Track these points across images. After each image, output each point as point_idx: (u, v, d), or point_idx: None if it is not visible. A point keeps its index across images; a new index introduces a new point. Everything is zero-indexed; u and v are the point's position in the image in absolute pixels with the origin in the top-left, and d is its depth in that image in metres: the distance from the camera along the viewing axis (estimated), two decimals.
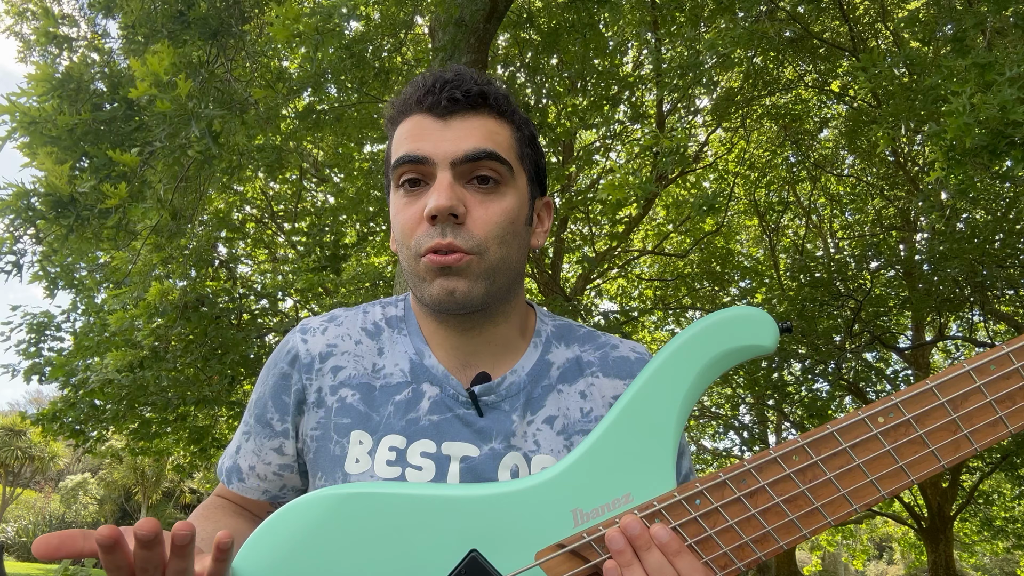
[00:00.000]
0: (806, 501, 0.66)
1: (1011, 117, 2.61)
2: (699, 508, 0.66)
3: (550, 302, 7.64)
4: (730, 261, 10.26)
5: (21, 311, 6.80)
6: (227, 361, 6.28)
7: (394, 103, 0.90)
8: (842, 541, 18.13)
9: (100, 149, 3.67)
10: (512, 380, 0.87)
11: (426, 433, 0.84)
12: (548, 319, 0.97)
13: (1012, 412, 0.65)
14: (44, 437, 6.75)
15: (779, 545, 0.66)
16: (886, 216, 10.22)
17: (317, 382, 0.88)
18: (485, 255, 0.81)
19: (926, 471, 0.65)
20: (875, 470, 0.65)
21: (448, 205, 0.78)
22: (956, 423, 0.65)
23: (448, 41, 4.78)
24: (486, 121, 0.84)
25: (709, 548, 0.66)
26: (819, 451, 0.66)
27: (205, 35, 3.97)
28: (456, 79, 0.84)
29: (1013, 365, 0.64)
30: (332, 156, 8.80)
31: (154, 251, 5.21)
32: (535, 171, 0.91)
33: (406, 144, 0.84)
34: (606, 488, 0.67)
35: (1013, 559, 21.77)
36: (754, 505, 0.66)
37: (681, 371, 0.69)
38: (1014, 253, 7.03)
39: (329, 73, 5.39)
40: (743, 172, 10.20)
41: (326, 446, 0.86)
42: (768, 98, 8.88)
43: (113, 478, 27.83)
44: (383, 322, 0.93)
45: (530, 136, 0.91)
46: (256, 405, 0.91)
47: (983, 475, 10.69)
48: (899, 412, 0.65)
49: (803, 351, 8.23)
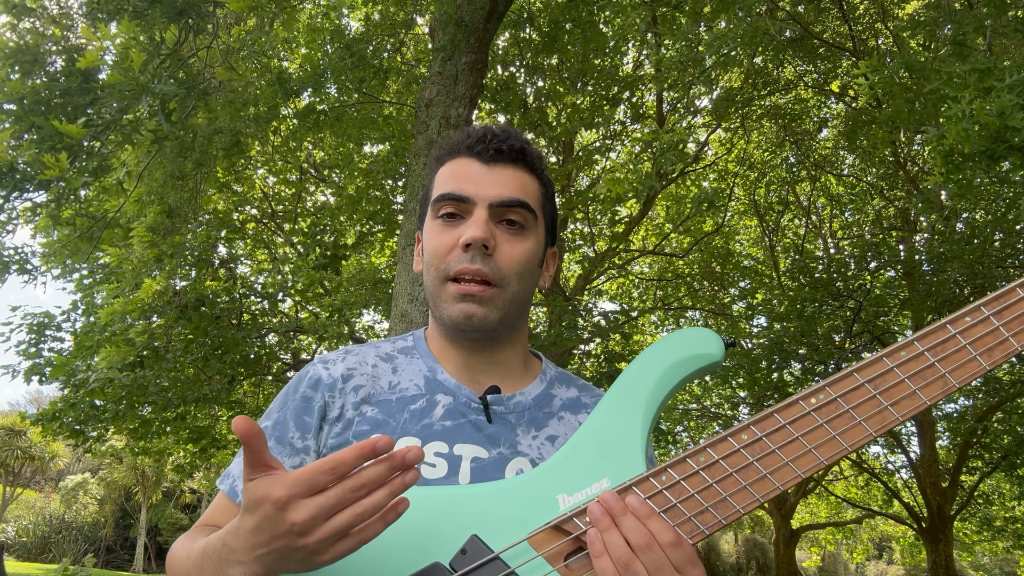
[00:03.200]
0: (755, 470, 0.76)
1: (1010, 123, 2.61)
2: (665, 483, 0.77)
3: (550, 302, 7.64)
4: (730, 261, 10.26)
5: (21, 311, 6.80)
6: (227, 361, 6.28)
7: (443, 145, 1.05)
8: (842, 540, 18.12)
9: (47, 120, 3.62)
10: (519, 400, 0.99)
11: (439, 436, 0.93)
12: (551, 367, 1.09)
13: (924, 387, 0.77)
14: (44, 437, 6.76)
15: (736, 510, 0.76)
16: (886, 216, 10.22)
17: (341, 400, 0.96)
18: (506, 288, 0.94)
19: (857, 439, 0.76)
20: (812, 441, 0.76)
21: (484, 237, 0.92)
22: (878, 399, 0.77)
23: (448, 41, 4.78)
24: (522, 174, 0.98)
25: (675, 515, 0.76)
26: (763, 428, 0.77)
27: (170, 14, 3.92)
28: (503, 134, 0.98)
29: (919, 350, 0.78)
30: (332, 156, 8.80)
31: (149, 247, 5.21)
32: (550, 223, 1.05)
33: (452, 182, 0.96)
34: (587, 475, 0.80)
35: (1013, 559, 21.77)
36: (711, 476, 0.76)
37: (644, 377, 0.84)
38: (1014, 253, 7.03)
39: (329, 73, 5.38)
40: (743, 172, 10.21)
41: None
42: (768, 98, 8.88)
43: (113, 478, 27.82)
44: (395, 351, 1.04)
45: (551, 193, 1.05)
46: (276, 428, 0.96)
47: (983, 475, 10.69)
48: (827, 393, 0.77)
49: (803, 351, 8.23)
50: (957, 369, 0.77)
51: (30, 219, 5.71)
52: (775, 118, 9.08)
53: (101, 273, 7.07)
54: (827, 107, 9.34)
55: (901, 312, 8.76)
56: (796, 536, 13.73)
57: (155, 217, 5.41)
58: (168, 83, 3.64)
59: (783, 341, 8.05)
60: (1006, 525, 12.58)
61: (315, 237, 7.14)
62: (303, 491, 0.63)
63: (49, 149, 3.58)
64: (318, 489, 0.64)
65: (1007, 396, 9.18)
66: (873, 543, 27.18)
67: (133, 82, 3.33)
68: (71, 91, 3.79)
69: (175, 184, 4.94)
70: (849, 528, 16.50)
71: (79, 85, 3.76)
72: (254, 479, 0.66)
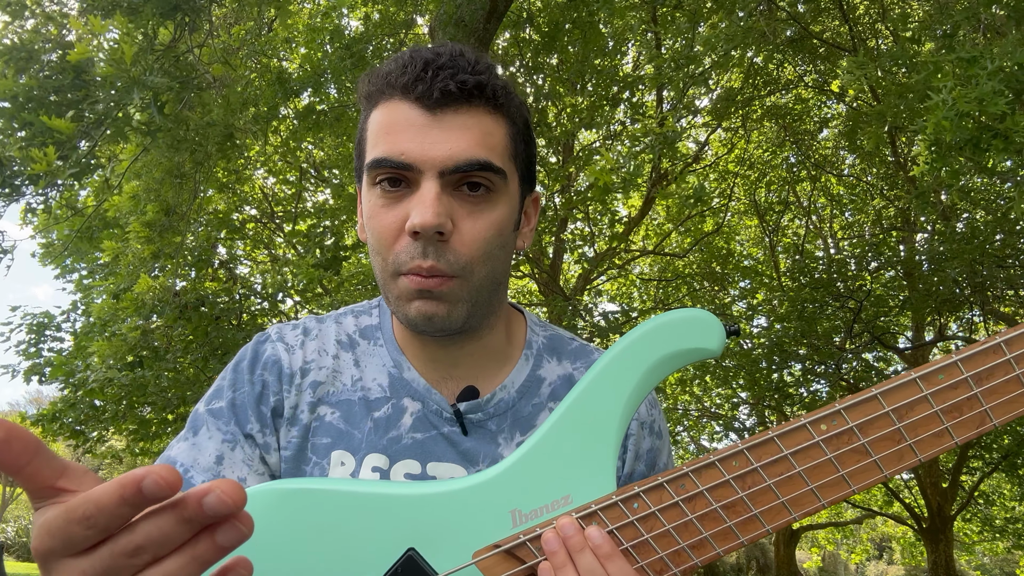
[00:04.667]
0: (744, 508, 0.64)
1: (990, 110, 2.61)
2: (637, 511, 0.65)
3: (550, 302, 7.64)
4: (730, 261, 10.26)
5: (21, 311, 6.80)
6: (227, 361, 6.26)
7: (372, 76, 0.78)
8: (842, 540, 18.12)
9: (37, 116, 3.56)
10: (501, 396, 0.83)
11: (409, 452, 0.79)
12: (539, 328, 0.92)
13: (958, 423, 0.62)
14: (44, 438, 6.74)
15: (716, 552, 0.65)
16: (886, 216, 10.21)
17: (294, 398, 0.81)
18: (469, 278, 0.75)
19: (867, 482, 0.64)
20: (815, 478, 0.64)
21: (435, 223, 0.70)
22: (900, 433, 0.63)
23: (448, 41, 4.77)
24: (481, 119, 0.75)
25: (645, 552, 0.65)
26: (759, 457, 0.65)
27: (165, 9, 3.87)
28: (450, 63, 0.73)
29: (962, 375, 0.62)
30: (332, 156, 8.80)
31: (145, 243, 5.19)
32: (526, 167, 0.83)
33: (386, 141, 0.74)
34: (545, 490, 0.67)
35: (1013, 559, 21.76)
36: (692, 510, 0.65)
37: (625, 373, 0.68)
38: (1014, 253, 7.03)
39: (329, 73, 5.38)
40: (743, 172, 10.20)
41: (299, 467, 0.80)
42: (768, 98, 8.88)
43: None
44: (357, 334, 0.88)
45: (524, 126, 0.82)
46: (233, 411, 0.80)
47: (983, 475, 10.69)
48: (842, 419, 0.64)
49: (803, 351, 8.22)
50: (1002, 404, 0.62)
51: (29, 220, 5.71)
52: (775, 118, 9.08)
53: (101, 273, 7.07)
54: (827, 107, 9.33)
55: (901, 312, 8.75)
56: (796, 536, 13.72)
57: (153, 214, 5.41)
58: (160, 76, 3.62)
59: (783, 341, 8.04)
60: (1006, 525, 12.57)
61: (315, 239, 7.13)
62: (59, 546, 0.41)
63: (39, 145, 3.56)
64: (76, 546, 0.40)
65: None
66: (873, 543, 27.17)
67: (124, 75, 3.30)
68: (64, 87, 3.77)
69: (173, 183, 4.93)
70: (849, 528, 16.50)
71: (72, 81, 3.74)
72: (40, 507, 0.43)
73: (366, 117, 0.79)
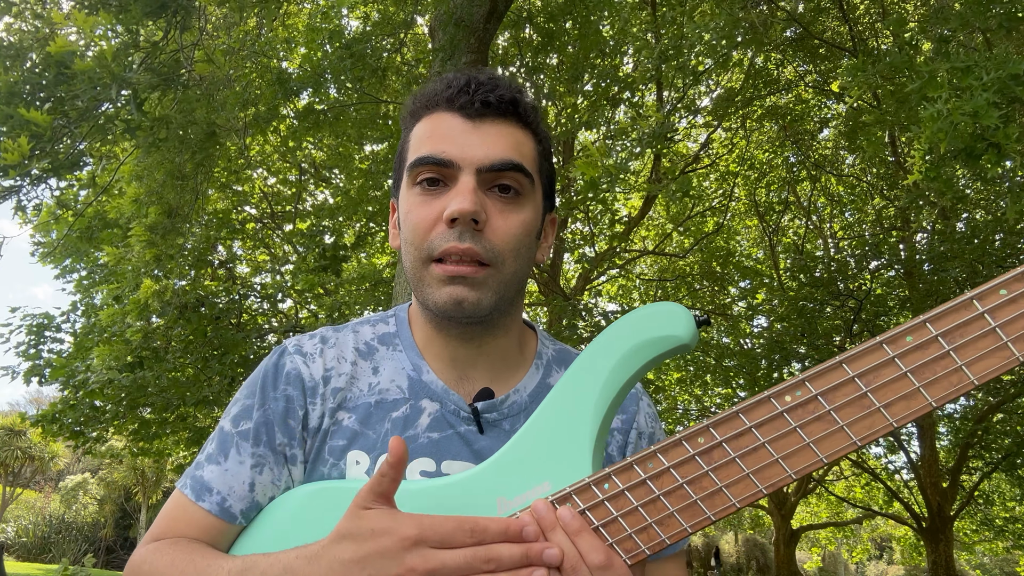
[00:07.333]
0: (710, 482, 0.65)
1: (984, 122, 2.61)
2: (607, 492, 0.68)
3: (550, 302, 7.64)
4: (730, 261, 10.25)
5: (20, 312, 6.79)
6: (227, 362, 6.27)
7: (417, 97, 0.88)
8: (842, 540, 18.12)
9: (15, 109, 3.56)
10: (515, 399, 0.88)
11: (425, 451, 0.83)
12: (549, 343, 0.97)
13: (931, 383, 0.60)
14: (44, 438, 6.75)
15: (683, 528, 0.66)
16: (886, 216, 10.21)
17: (320, 407, 0.85)
18: (501, 268, 0.81)
19: (836, 449, 0.62)
20: (780, 449, 0.63)
21: (472, 210, 0.77)
22: (868, 397, 0.61)
23: (448, 41, 4.77)
24: (514, 130, 0.84)
25: (615, 530, 0.67)
26: (724, 432, 0.65)
27: (152, 7, 3.87)
28: (490, 83, 0.83)
29: (931, 334, 0.60)
30: (332, 156, 8.79)
31: (147, 247, 5.20)
32: (549, 184, 0.91)
33: (430, 143, 0.82)
34: (526, 478, 0.72)
35: (1013, 559, 21.76)
36: (659, 487, 0.66)
37: (598, 362, 0.73)
38: (1014, 253, 7.02)
39: (329, 73, 5.38)
40: (743, 172, 10.20)
41: (318, 469, 0.84)
42: (768, 98, 8.88)
43: (113, 478, 27.81)
44: (375, 341, 0.91)
45: (548, 149, 0.91)
46: (262, 431, 0.83)
47: (983, 475, 10.69)
48: (806, 389, 0.62)
49: (803, 351, 8.22)
50: (978, 360, 0.59)
51: (29, 219, 5.71)
52: (775, 118, 9.08)
53: (100, 274, 7.07)
54: (827, 107, 9.33)
55: (901, 312, 8.75)
56: (796, 536, 13.72)
57: (155, 217, 5.41)
58: (141, 73, 3.60)
59: (783, 341, 8.04)
60: (1006, 525, 12.58)
61: (314, 239, 7.14)
62: (435, 539, 0.61)
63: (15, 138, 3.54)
64: (450, 544, 0.62)
65: (1007, 396, 9.18)
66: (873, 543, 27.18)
67: (105, 70, 3.28)
68: (47, 83, 3.75)
69: (175, 184, 4.93)
70: (849, 528, 16.51)
71: (55, 75, 3.72)
72: (371, 508, 0.64)
73: (408, 131, 0.88)
